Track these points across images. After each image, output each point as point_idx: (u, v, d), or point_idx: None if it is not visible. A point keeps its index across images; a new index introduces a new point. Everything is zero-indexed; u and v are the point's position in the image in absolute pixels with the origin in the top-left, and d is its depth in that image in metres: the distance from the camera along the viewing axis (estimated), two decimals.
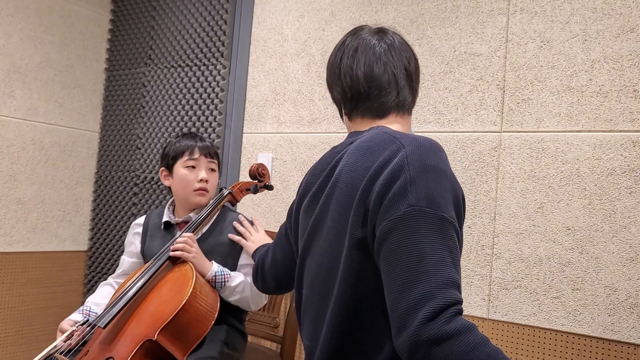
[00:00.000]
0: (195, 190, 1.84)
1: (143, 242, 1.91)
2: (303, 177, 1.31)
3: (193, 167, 1.86)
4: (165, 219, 1.88)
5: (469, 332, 0.87)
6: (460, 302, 0.90)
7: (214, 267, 1.73)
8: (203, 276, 1.71)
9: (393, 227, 0.95)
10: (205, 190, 1.85)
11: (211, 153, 1.89)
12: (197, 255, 1.72)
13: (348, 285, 1.07)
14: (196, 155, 1.86)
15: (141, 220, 1.97)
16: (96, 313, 1.73)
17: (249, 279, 1.77)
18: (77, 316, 1.74)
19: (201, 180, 1.84)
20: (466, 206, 1.19)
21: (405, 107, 1.23)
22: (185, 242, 1.71)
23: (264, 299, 1.82)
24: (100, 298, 1.83)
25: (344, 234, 1.09)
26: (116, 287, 1.90)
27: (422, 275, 0.90)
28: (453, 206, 0.98)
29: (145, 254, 1.89)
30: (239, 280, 1.76)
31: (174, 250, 1.70)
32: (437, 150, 1.04)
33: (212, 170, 1.89)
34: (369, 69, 1.20)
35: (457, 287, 0.91)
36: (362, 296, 1.05)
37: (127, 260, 1.94)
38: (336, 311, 1.08)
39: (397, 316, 0.91)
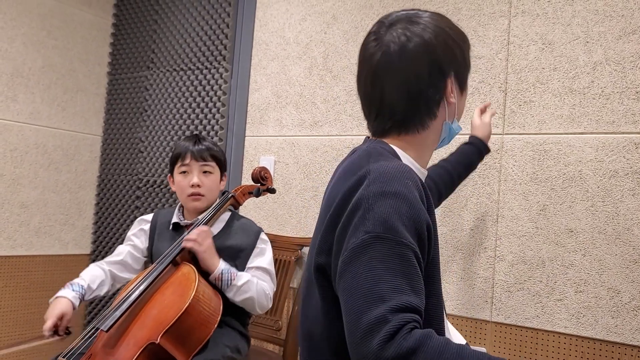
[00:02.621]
0: (189, 196, 1.84)
1: (151, 240, 1.91)
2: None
3: (186, 172, 1.85)
4: (174, 220, 1.89)
5: (429, 340, 0.86)
6: (415, 320, 0.88)
7: (222, 265, 1.73)
8: (210, 272, 1.71)
9: (352, 255, 0.93)
10: (198, 194, 1.83)
11: (204, 156, 1.84)
12: (208, 250, 1.72)
13: (315, 304, 1.07)
14: (187, 161, 1.84)
15: (149, 217, 1.96)
16: (83, 288, 1.74)
17: (255, 280, 1.78)
18: (68, 293, 1.71)
19: (193, 185, 1.82)
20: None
21: (409, 126, 1.11)
22: (198, 235, 1.71)
23: (269, 302, 1.82)
24: (89, 277, 1.80)
25: (313, 253, 1.08)
26: (107, 274, 1.86)
27: (377, 302, 0.87)
28: (414, 233, 0.95)
29: (153, 254, 1.88)
30: (246, 279, 1.75)
31: (187, 241, 1.70)
32: (402, 177, 0.99)
33: (207, 172, 1.85)
34: (365, 87, 1.13)
35: (415, 311, 0.89)
36: (329, 317, 1.03)
37: (128, 251, 1.92)
38: (310, 326, 1.08)
39: (353, 346, 0.88)
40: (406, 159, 1.11)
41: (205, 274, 1.77)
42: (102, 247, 3.11)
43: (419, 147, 1.14)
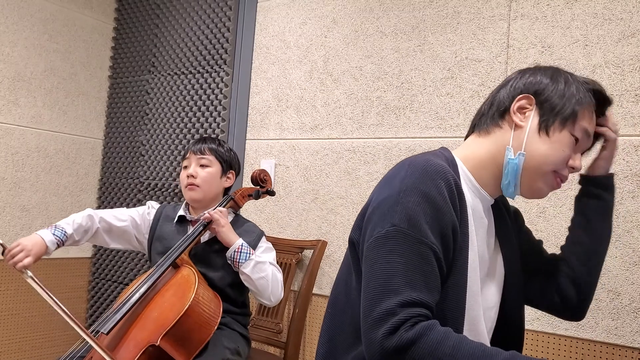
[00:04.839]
0: (185, 187, 1.89)
1: (153, 228, 1.93)
2: None
3: (187, 166, 1.91)
4: (180, 213, 1.91)
5: (429, 332, 0.91)
6: (422, 314, 0.93)
7: (240, 240, 1.78)
8: (228, 246, 1.76)
9: (375, 244, 0.99)
10: (193, 184, 1.87)
11: (202, 149, 1.91)
12: (227, 226, 1.79)
13: (341, 279, 1.15)
14: (187, 156, 1.92)
15: (156, 205, 2.01)
16: (65, 236, 1.76)
17: (271, 265, 1.80)
18: (48, 236, 1.72)
19: (189, 175, 1.87)
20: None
21: (478, 123, 1.18)
22: (222, 212, 1.79)
23: (281, 292, 1.82)
24: (75, 227, 1.81)
25: None
26: (94, 230, 1.86)
27: (389, 294, 0.93)
28: (438, 234, 0.99)
29: (153, 241, 1.92)
30: (264, 259, 1.79)
31: (212, 214, 1.78)
32: (436, 177, 1.02)
33: (204, 165, 1.90)
34: None
35: (424, 306, 0.94)
36: (355, 293, 1.09)
37: (130, 223, 1.93)
38: (337, 297, 1.15)
39: (364, 331, 0.95)
40: (462, 170, 1.13)
41: (204, 275, 1.78)
42: (103, 250, 3.12)
43: (477, 158, 1.14)
